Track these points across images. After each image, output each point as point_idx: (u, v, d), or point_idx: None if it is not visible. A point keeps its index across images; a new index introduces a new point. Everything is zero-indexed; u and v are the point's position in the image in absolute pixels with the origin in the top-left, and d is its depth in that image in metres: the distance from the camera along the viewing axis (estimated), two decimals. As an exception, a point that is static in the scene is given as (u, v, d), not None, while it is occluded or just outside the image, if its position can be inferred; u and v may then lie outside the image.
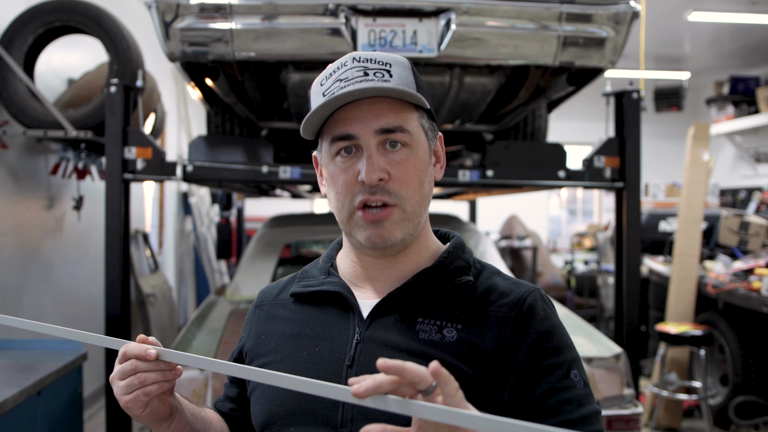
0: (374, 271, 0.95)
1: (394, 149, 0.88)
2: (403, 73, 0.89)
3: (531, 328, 0.87)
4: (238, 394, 1.05)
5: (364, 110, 0.87)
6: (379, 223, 0.87)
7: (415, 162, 0.89)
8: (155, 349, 0.83)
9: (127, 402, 0.84)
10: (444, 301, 0.90)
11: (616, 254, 2.78)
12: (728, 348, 3.95)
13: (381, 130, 0.87)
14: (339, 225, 0.94)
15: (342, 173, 0.89)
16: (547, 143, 3.12)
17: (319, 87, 0.91)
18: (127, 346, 0.84)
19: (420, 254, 0.95)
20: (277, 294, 1.04)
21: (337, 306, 0.94)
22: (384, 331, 0.89)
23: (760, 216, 4.90)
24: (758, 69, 8.17)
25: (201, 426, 0.97)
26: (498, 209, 8.14)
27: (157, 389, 0.84)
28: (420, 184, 0.90)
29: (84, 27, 3.20)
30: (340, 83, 0.87)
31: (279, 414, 0.89)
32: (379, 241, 0.88)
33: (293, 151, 3.73)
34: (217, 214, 6.54)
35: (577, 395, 0.85)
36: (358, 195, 0.87)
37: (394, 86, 0.86)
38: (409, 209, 0.89)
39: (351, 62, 0.88)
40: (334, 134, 0.89)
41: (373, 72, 0.87)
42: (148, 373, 0.83)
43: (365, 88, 0.85)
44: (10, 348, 2.61)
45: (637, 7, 2.39)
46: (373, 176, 0.85)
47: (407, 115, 0.89)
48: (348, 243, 0.97)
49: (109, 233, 2.58)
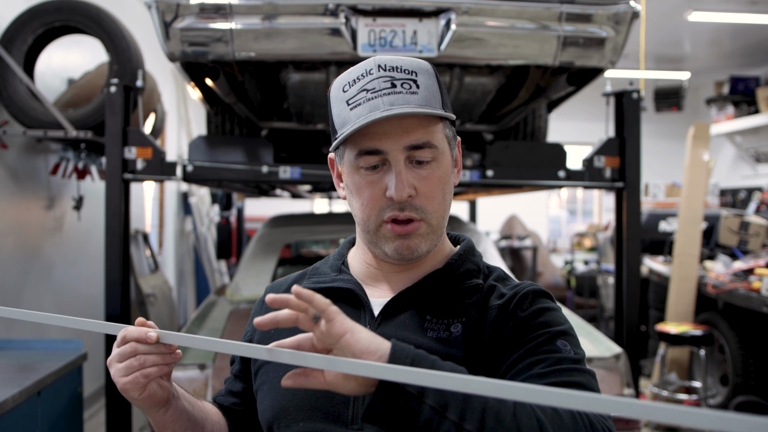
0: (389, 273, 0.97)
1: (421, 165, 0.89)
2: (428, 82, 0.89)
3: (520, 311, 0.89)
4: (243, 389, 1.05)
5: (394, 125, 0.87)
6: (407, 236, 0.89)
7: (440, 175, 0.91)
8: (155, 331, 0.84)
9: (126, 384, 0.83)
10: (453, 303, 0.92)
11: (616, 254, 2.78)
12: (728, 348, 3.95)
13: (410, 146, 0.87)
14: (361, 232, 0.95)
15: (368, 186, 0.89)
16: (547, 143, 3.12)
17: (341, 93, 0.90)
18: (127, 329, 0.85)
19: (434, 257, 0.97)
20: (286, 290, 1.04)
21: (349, 303, 0.95)
22: (394, 329, 0.90)
23: (760, 216, 4.90)
24: (758, 69, 8.17)
25: (198, 416, 0.97)
26: (498, 209, 8.14)
27: (157, 372, 0.84)
28: (444, 197, 0.92)
29: (84, 27, 3.20)
30: (367, 93, 0.87)
31: (289, 409, 0.89)
32: (407, 253, 0.90)
33: (293, 151, 3.73)
34: (217, 214, 6.55)
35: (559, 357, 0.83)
36: (386, 210, 0.89)
37: (426, 103, 0.87)
38: (434, 223, 0.91)
39: (377, 71, 0.88)
40: (362, 147, 0.88)
41: (401, 83, 0.87)
42: (148, 355, 0.83)
43: (403, 113, 0.85)
44: (10, 348, 2.61)
45: (637, 7, 2.39)
46: (402, 194, 0.86)
47: (434, 128, 0.90)
48: (366, 248, 0.97)
49: (109, 233, 2.58)
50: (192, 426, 0.95)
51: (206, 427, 0.98)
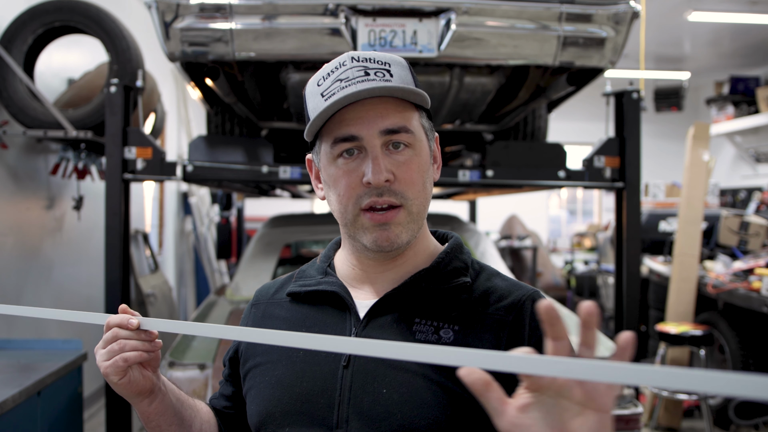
0: (373, 273, 0.94)
1: (398, 150, 0.87)
2: (402, 72, 0.88)
3: (528, 333, 0.86)
4: (233, 392, 1.05)
5: (368, 110, 0.85)
6: (386, 225, 0.86)
7: (418, 162, 0.88)
8: (136, 318, 0.87)
9: (107, 368, 0.86)
10: (441, 303, 0.89)
11: (616, 254, 2.78)
12: (728, 348, 3.95)
13: (386, 130, 0.85)
14: (341, 227, 0.93)
15: (345, 175, 0.87)
16: (547, 143, 3.12)
17: (315, 87, 0.89)
18: (110, 317, 0.88)
19: (418, 256, 0.94)
20: (274, 293, 1.03)
21: (334, 306, 0.93)
22: (380, 332, 0.88)
23: (760, 216, 4.90)
24: (758, 69, 8.17)
25: (187, 412, 0.97)
26: (498, 209, 8.14)
27: (136, 357, 0.86)
28: (424, 184, 0.89)
29: (84, 27, 3.20)
30: (341, 83, 0.85)
31: (275, 414, 0.89)
32: (386, 244, 0.87)
33: (293, 151, 3.73)
34: (217, 214, 6.54)
35: None
36: (363, 197, 0.86)
37: (400, 85, 0.85)
38: (414, 210, 0.88)
39: (350, 62, 0.87)
40: (336, 135, 0.86)
41: (374, 71, 0.86)
42: (128, 340, 0.86)
43: (377, 87, 0.83)
44: (10, 348, 2.61)
45: (637, 7, 2.39)
46: (380, 178, 0.84)
47: (410, 115, 0.88)
48: (348, 245, 0.96)
49: (109, 233, 2.58)
50: (179, 422, 0.95)
51: (194, 425, 0.98)
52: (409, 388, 0.83)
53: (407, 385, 0.83)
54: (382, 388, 0.84)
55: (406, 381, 0.83)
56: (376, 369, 0.85)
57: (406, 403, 0.82)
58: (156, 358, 0.90)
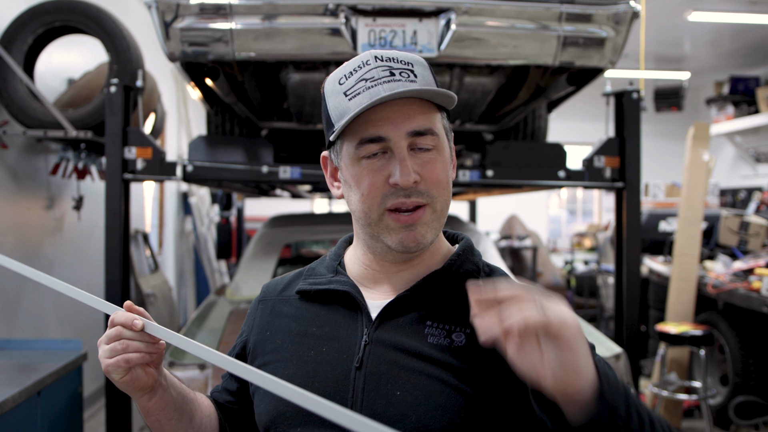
0: (387, 273, 0.94)
1: (423, 150, 0.87)
2: (424, 72, 0.89)
3: None
4: (237, 388, 1.04)
5: (396, 111, 0.85)
6: (412, 226, 0.86)
7: (442, 161, 0.89)
8: (141, 320, 0.87)
9: (108, 366, 0.86)
10: (453, 305, 0.89)
11: (616, 254, 2.78)
12: (728, 348, 3.95)
13: (413, 132, 0.86)
14: (360, 227, 0.92)
15: (369, 174, 0.86)
16: (547, 143, 3.12)
17: (337, 86, 0.88)
18: (116, 313, 0.88)
19: (432, 256, 0.94)
20: (282, 290, 1.02)
21: (345, 306, 0.93)
22: (392, 333, 0.88)
23: (760, 216, 4.90)
24: (758, 69, 8.17)
25: (187, 407, 0.97)
26: (498, 209, 8.14)
27: (138, 358, 0.86)
28: (448, 183, 0.90)
29: (84, 27, 3.20)
30: (366, 83, 0.85)
31: (286, 414, 0.88)
32: (413, 245, 0.87)
33: (293, 151, 3.73)
34: (217, 214, 6.54)
35: None
36: (389, 197, 0.86)
37: (427, 88, 0.86)
38: (438, 208, 0.88)
39: (374, 61, 0.87)
40: (363, 136, 0.86)
41: (399, 72, 0.86)
42: (132, 341, 0.86)
43: (413, 90, 0.83)
44: (10, 348, 2.61)
45: (637, 7, 2.39)
46: (408, 180, 0.84)
47: (434, 116, 0.89)
48: (364, 244, 0.94)
49: (109, 233, 2.58)
50: (178, 417, 0.95)
51: (194, 419, 0.98)
52: (424, 391, 0.83)
53: (422, 388, 0.83)
54: (395, 390, 0.84)
55: (420, 383, 0.83)
56: (389, 371, 0.85)
57: (420, 405, 0.82)
58: (159, 356, 0.90)
